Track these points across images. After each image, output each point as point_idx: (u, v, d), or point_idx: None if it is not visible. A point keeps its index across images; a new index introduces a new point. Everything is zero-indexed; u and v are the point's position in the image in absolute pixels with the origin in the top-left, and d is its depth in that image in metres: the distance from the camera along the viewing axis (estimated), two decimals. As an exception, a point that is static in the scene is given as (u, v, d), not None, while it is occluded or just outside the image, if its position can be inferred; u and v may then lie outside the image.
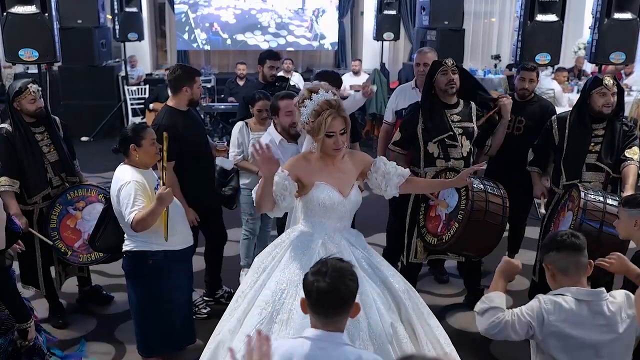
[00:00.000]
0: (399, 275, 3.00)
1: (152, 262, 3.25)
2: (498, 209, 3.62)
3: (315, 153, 2.90)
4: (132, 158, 3.24)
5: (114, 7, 9.78)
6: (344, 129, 2.80)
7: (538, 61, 6.24)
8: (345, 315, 2.00)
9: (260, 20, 12.87)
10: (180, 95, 3.96)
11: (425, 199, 3.94)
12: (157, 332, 3.40)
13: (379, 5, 10.70)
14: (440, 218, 3.77)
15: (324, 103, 2.77)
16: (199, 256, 5.16)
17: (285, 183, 2.78)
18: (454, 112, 4.00)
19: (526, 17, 6.30)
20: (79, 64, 9.27)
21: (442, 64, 3.93)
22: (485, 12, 13.80)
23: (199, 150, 4.03)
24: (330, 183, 2.87)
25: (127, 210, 3.09)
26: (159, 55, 13.79)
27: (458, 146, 3.94)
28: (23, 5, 5.63)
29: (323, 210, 2.87)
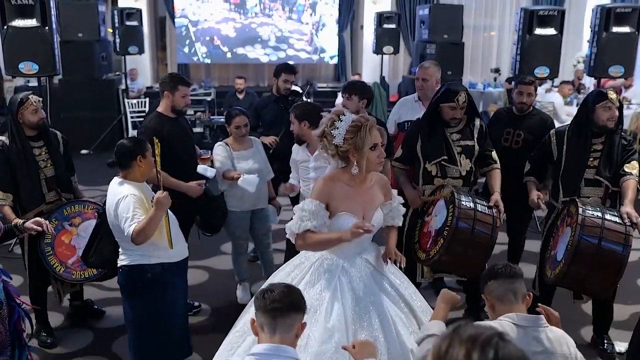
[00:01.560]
0: (418, 293, 2.98)
1: (150, 275, 3.21)
2: (486, 228, 3.54)
3: (343, 175, 2.81)
4: (135, 170, 3.21)
5: (114, 20, 9.82)
6: (382, 142, 2.80)
7: (537, 74, 6.26)
8: (293, 327, 2.03)
9: (261, 33, 12.93)
10: (164, 101, 4.03)
11: (423, 214, 3.91)
12: (154, 346, 3.35)
13: (379, 19, 10.75)
14: (430, 234, 3.72)
15: (359, 119, 2.73)
16: (194, 269, 5.19)
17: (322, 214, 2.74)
18: (454, 131, 3.94)
19: (525, 30, 6.33)
20: (79, 77, 9.30)
21: (454, 100, 3.82)
22: (484, 25, 13.87)
23: (184, 156, 4.02)
24: (354, 212, 2.79)
25: (126, 223, 3.06)
26: (159, 68, 13.84)
27: (456, 167, 3.90)
28: (23, 19, 5.66)
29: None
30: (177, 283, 3.39)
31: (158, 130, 3.90)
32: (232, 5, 12.74)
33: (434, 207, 3.80)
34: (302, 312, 2.07)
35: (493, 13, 13.86)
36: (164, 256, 3.23)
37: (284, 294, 2.03)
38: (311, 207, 2.73)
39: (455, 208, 3.50)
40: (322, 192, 2.78)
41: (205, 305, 4.56)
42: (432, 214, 3.79)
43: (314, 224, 2.72)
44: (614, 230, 3.35)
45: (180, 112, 4.07)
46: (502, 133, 4.56)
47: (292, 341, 2.04)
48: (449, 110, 3.86)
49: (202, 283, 4.99)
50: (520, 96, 4.52)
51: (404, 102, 4.77)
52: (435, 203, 3.80)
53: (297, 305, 2.05)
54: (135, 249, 3.17)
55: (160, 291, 3.26)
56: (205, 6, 12.67)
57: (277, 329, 2.01)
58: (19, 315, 2.81)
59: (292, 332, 2.03)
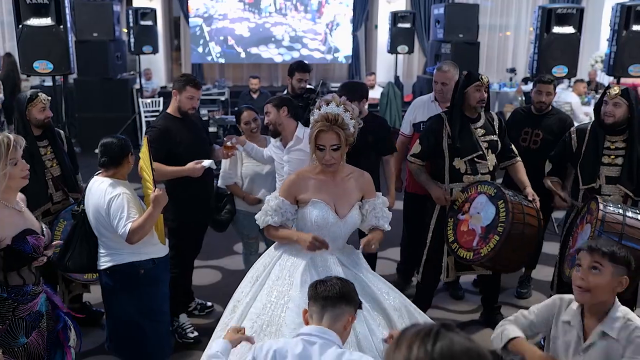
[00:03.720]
0: (395, 292, 2.91)
1: (143, 271, 3.17)
2: (534, 221, 3.59)
3: (317, 168, 2.87)
4: (124, 168, 3.20)
5: (129, 20, 9.85)
6: (337, 145, 2.75)
7: (555, 74, 6.17)
8: (341, 318, 2.07)
9: (275, 33, 12.91)
10: (172, 100, 4.00)
11: (454, 212, 3.82)
12: (152, 342, 3.30)
13: (393, 19, 10.68)
14: (475, 232, 3.65)
15: (322, 116, 2.76)
16: (207, 268, 5.17)
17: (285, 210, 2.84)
18: (478, 126, 3.90)
19: (543, 29, 6.25)
20: (94, 77, 9.32)
21: (478, 79, 3.81)
22: (500, 25, 13.75)
23: (192, 157, 3.89)
24: (326, 201, 2.83)
25: (121, 222, 3.00)
26: (173, 68, 13.87)
27: (485, 162, 3.86)
28: (39, 18, 5.68)
29: (315, 228, 2.82)
30: (165, 278, 3.37)
31: (165, 131, 3.85)
32: (246, 4, 12.74)
33: (470, 204, 3.73)
34: (352, 305, 2.11)
35: (509, 12, 13.74)
36: (153, 251, 3.21)
37: (335, 285, 2.09)
38: (274, 204, 2.87)
39: (508, 203, 3.50)
40: (289, 189, 2.88)
41: (218, 305, 4.53)
42: (468, 211, 3.72)
43: (275, 219, 2.87)
44: (636, 228, 3.27)
45: (185, 114, 3.99)
46: (520, 133, 4.49)
47: (340, 331, 2.08)
48: (475, 92, 3.81)
49: (214, 283, 4.96)
50: (539, 95, 4.45)
51: (419, 102, 4.68)
52: (472, 199, 3.73)
53: (348, 297, 2.10)
54: (124, 248, 3.11)
55: (150, 287, 3.23)
56: (219, 6, 12.67)
57: (324, 317, 2.07)
58: (64, 323, 2.77)
59: (339, 323, 2.07)
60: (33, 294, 2.61)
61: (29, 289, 2.60)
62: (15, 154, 2.51)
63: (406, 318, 2.82)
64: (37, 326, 2.62)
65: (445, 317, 4.34)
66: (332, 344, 2.02)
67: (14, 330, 2.55)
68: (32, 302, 2.61)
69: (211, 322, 4.28)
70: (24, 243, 2.52)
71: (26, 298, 2.59)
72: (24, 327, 2.57)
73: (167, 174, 3.82)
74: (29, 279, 2.60)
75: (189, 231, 4.09)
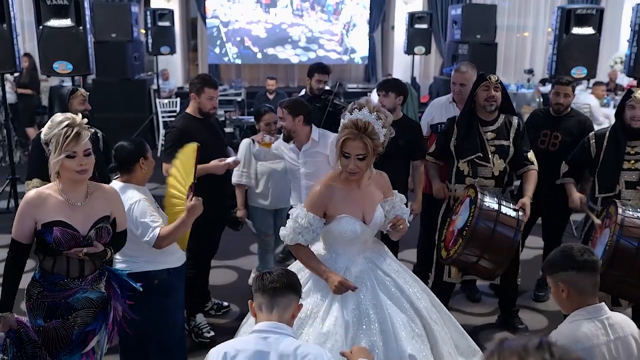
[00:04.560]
0: (426, 293, 2.91)
1: (157, 281, 3.11)
2: (509, 230, 3.47)
3: (339, 178, 2.79)
4: (137, 173, 3.11)
5: (147, 21, 9.91)
6: (363, 155, 2.65)
7: (574, 75, 6.12)
8: (290, 307, 2.12)
9: (291, 34, 12.93)
10: (192, 102, 4.02)
11: (450, 213, 3.89)
12: (162, 353, 3.25)
13: (410, 19, 10.65)
14: (454, 233, 3.70)
15: (352, 122, 2.65)
16: (223, 268, 5.19)
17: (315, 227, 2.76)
18: (489, 129, 3.87)
19: (562, 30, 6.20)
20: (112, 77, 9.39)
21: (485, 79, 3.82)
22: (518, 25, 13.65)
23: (212, 157, 3.90)
24: (353, 213, 2.75)
25: (147, 228, 2.96)
26: (190, 68, 13.95)
27: (489, 166, 3.83)
28: (59, 19, 5.73)
29: (345, 241, 2.78)
30: (180, 287, 3.32)
31: (185, 130, 3.88)
32: (262, 5, 12.77)
33: (461, 206, 3.75)
34: (298, 293, 2.19)
35: (527, 13, 13.63)
36: (170, 261, 3.16)
37: (281, 276, 2.14)
38: (305, 222, 2.73)
39: (476, 208, 3.45)
40: (316, 203, 2.76)
41: (234, 305, 4.55)
42: (458, 212, 3.76)
43: (305, 238, 2.75)
44: None
45: (207, 114, 4.02)
46: (538, 135, 4.44)
47: (289, 320, 2.12)
48: (483, 91, 3.81)
49: (230, 283, 4.98)
50: (557, 97, 4.40)
51: (437, 103, 4.66)
52: (462, 201, 3.77)
53: (294, 286, 2.16)
54: (141, 255, 3.08)
55: (167, 296, 3.18)
56: (236, 7, 12.72)
57: (274, 308, 2.09)
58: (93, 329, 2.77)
59: (288, 312, 2.11)
60: (62, 286, 2.64)
61: (57, 279, 2.63)
62: (73, 147, 2.52)
63: (437, 323, 2.80)
64: (62, 316, 2.65)
65: (462, 320, 4.31)
66: (287, 337, 2.05)
67: (35, 310, 2.64)
68: (61, 293, 2.64)
69: (227, 322, 4.30)
70: (48, 232, 2.56)
71: (52, 287, 2.63)
72: (43, 310, 2.63)
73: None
74: (59, 269, 2.63)
75: (206, 231, 4.10)
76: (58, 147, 2.52)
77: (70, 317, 2.67)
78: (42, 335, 2.65)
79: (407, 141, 4.05)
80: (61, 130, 2.52)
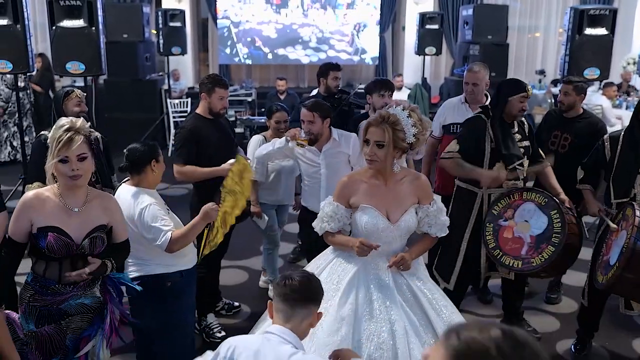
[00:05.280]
0: (444, 301, 2.83)
1: (170, 284, 3.13)
2: (576, 228, 3.59)
3: (369, 171, 2.82)
4: (148, 175, 3.10)
5: (158, 21, 9.94)
6: (381, 142, 2.68)
7: (586, 76, 6.08)
8: (308, 316, 2.08)
9: (302, 34, 12.93)
10: (202, 103, 4.02)
11: (494, 218, 3.74)
12: (173, 354, 3.25)
13: (421, 20, 10.62)
14: (523, 240, 3.58)
15: (379, 112, 2.75)
16: (234, 268, 5.19)
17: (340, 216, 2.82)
18: (515, 132, 3.86)
19: (574, 30, 6.15)
20: (123, 77, 9.44)
21: (525, 90, 3.75)
22: (529, 26, 13.57)
23: (222, 157, 3.89)
24: (377, 206, 2.76)
25: (158, 232, 2.96)
26: (201, 69, 13.98)
27: (522, 168, 3.83)
28: (72, 19, 5.77)
29: (365, 234, 2.77)
30: (192, 289, 3.33)
31: (195, 131, 3.89)
32: (273, 6, 12.78)
33: (514, 211, 3.66)
34: (318, 303, 2.13)
35: (538, 13, 13.54)
36: (182, 263, 3.17)
37: (304, 285, 2.08)
38: (329, 210, 2.84)
39: (563, 214, 3.49)
40: (341, 192, 2.85)
41: (245, 305, 4.56)
42: (513, 218, 3.65)
43: (331, 225, 2.84)
44: None
45: (218, 114, 4.03)
46: (550, 136, 4.42)
47: (304, 330, 2.10)
48: (519, 102, 3.76)
49: (241, 283, 4.99)
50: (563, 96, 4.40)
51: (449, 104, 4.64)
52: (515, 206, 3.65)
53: (316, 296, 2.12)
54: (153, 258, 3.09)
55: (179, 299, 3.20)
56: (247, 7, 12.73)
57: (292, 318, 2.06)
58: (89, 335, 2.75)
59: (305, 322, 2.08)
60: (54, 291, 2.60)
61: (48, 283, 2.59)
62: (65, 152, 2.50)
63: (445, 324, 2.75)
64: (55, 321, 2.61)
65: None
66: (287, 343, 2.02)
67: (26, 314, 2.60)
68: (52, 298, 2.60)
69: (238, 322, 4.31)
70: (42, 237, 2.53)
71: (43, 290, 2.59)
72: (35, 315, 2.58)
73: (203, 175, 3.84)
74: (51, 275, 2.59)
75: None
76: (53, 151, 2.52)
77: (63, 322, 2.63)
78: (35, 340, 2.60)
79: None
80: (56, 134, 2.52)
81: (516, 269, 3.61)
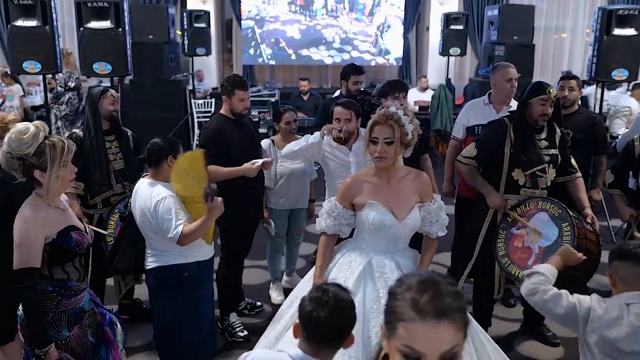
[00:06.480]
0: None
1: (187, 274, 3.19)
2: (594, 247, 3.35)
3: (372, 171, 2.86)
4: (164, 170, 3.18)
5: (183, 22, 10.03)
6: (390, 139, 2.73)
7: (615, 77, 6.00)
8: (338, 348, 1.91)
9: (325, 35, 12.94)
10: (225, 104, 4.06)
11: (507, 225, 3.63)
12: (186, 346, 3.30)
13: (446, 20, 10.55)
14: (532, 250, 3.45)
15: (379, 113, 2.78)
16: (256, 268, 5.21)
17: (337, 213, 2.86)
18: (541, 138, 3.71)
19: (602, 31, 6.05)
20: (148, 78, 9.52)
21: (545, 92, 3.59)
22: (556, 27, 13.40)
23: (245, 157, 3.94)
24: (383, 204, 2.80)
25: (170, 224, 3.02)
26: (225, 69, 14.07)
27: (545, 176, 3.66)
28: (99, 21, 5.84)
29: (374, 230, 2.81)
30: (209, 280, 3.40)
31: (219, 131, 3.94)
32: (297, 7, 12.81)
33: (527, 220, 3.53)
34: (349, 332, 1.89)
35: (565, 13, 13.37)
36: (199, 254, 3.23)
37: (332, 318, 1.82)
38: (327, 207, 2.92)
39: (574, 228, 3.28)
40: (343, 193, 2.90)
41: (267, 305, 4.58)
42: (525, 226, 3.52)
43: (328, 222, 2.90)
44: None
45: (240, 115, 4.06)
46: None
47: (332, 355, 1.91)
48: (539, 105, 3.59)
49: (263, 283, 5.00)
50: (562, 91, 4.33)
51: (473, 105, 4.58)
52: (530, 215, 3.54)
53: (345, 330, 1.88)
54: (170, 250, 3.14)
55: (197, 289, 3.25)
56: (271, 8, 12.78)
57: (319, 353, 1.87)
58: (110, 321, 2.84)
59: (331, 354, 1.91)
60: (76, 290, 2.68)
61: (72, 284, 2.66)
62: (67, 157, 2.58)
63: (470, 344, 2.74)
64: (79, 322, 2.67)
65: (497, 326, 4.25)
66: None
67: (57, 323, 2.62)
68: (76, 297, 2.68)
69: (261, 322, 4.32)
70: (68, 238, 2.60)
71: (69, 293, 2.65)
72: (65, 320, 2.63)
73: (224, 175, 3.87)
74: (73, 275, 2.67)
75: (240, 231, 4.14)
76: (56, 160, 2.51)
77: (84, 321, 2.70)
78: (69, 346, 2.63)
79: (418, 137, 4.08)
80: (53, 142, 2.51)
81: (521, 280, 3.50)
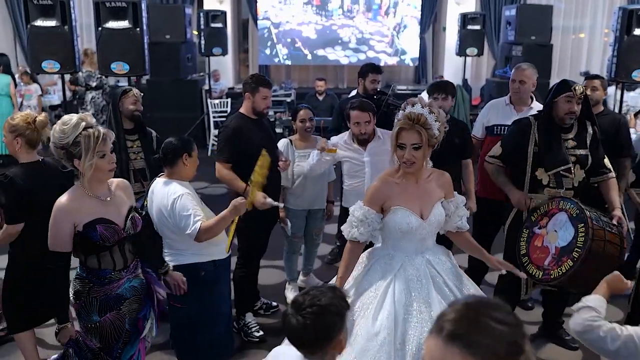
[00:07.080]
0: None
1: (204, 273, 3.20)
2: (615, 249, 3.26)
3: (395, 173, 2.83)
4: (179, 169, 3.21)
5: (200, 22, 10.08)
6: (417, 144, 2.69)
7: (635, 78, 5.92)
8: (325, 352, 1.75)
9: (341, 35, 12.92)
10: (246, 102, 4.04)
11: (531, 224, 3.59)
12: (202, 344, 3.31)
13: (463, 20, 10.49)
14: (549, 250, 3.41)
15: (405, 115, 2.72)
16: (272, 268, 5.21)
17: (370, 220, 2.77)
18: (569, 137, 3.64)
19: (622, 31, 5.98)
20: (165, 77, 9.58)
21: (570, 89, 3.51)
22: (574, 26, 13.27)
23: None
24: (409, 207, 2.77)
25: (189, 221, 3.04)
26: (241, 69, 14.11)
27: (571, 176, 3.59)
28: (117, 21, 5.89)
29: (401, 235, 2.78)
30: (226, 279, 3.41)
31: (238, 130, 3.93)
32: (313, 7, 12.81)
33: (549, 220, 3.48)
34: (331, 337, 1.74)
35: (584, 13, 13.24)
36: (216, 253, 3.24)
37: (305, 325, 1.69)
38: (360, 214, 2.78)
39: (589, 229, 3.20)
40: (373, 197, 2.81)
41: (283, 305, 4.57)
42: (546, 226, 3.48)
43: (361, 230, 2.77)
44: None
45: (261, 114, 4.06)
46: None
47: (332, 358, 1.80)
48: (565, 103, 3.53)
49: (279, 283, 5.00)
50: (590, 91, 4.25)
51: (494, 105, 4.53)
52: (551, 215, 3.50)
53: (324, 336, 1.73)
54: (187, 249, 3.16)
55: (214, 288, 3.27)
56: (287, 8, 12.80)
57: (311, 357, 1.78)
58: (145, 314, 2.88)
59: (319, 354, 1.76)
60: (110, 279, 2.73)
61: (105, 273, 2.72)
62: (103, 147, 2.62)
63: None
64: (115, 308, 2.74)
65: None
66: None
67: (87, 307, 2.71)
68: (110, 286, 2.73)
69: (276, 322, 4.32)
70: (92, 231, 2.64)
71: (102, 281, 2.71)
72: (96, 306, 2.71)
73: (226, 182, 3.93)
74: (106, 264, 2.72)
75: (257, 232, 4.14)
76: (90, 149, 2.58)
77: (122, 307, 2.76)
78: (99, 330, 2.72)
79: (460, 140, 4.06)
80: (88, 132, 2.58)
81: (536, 279, 3.44)
